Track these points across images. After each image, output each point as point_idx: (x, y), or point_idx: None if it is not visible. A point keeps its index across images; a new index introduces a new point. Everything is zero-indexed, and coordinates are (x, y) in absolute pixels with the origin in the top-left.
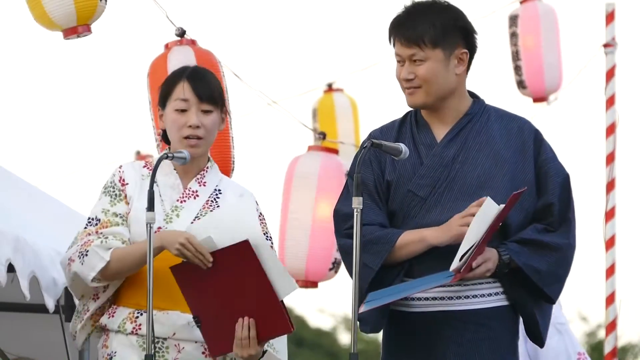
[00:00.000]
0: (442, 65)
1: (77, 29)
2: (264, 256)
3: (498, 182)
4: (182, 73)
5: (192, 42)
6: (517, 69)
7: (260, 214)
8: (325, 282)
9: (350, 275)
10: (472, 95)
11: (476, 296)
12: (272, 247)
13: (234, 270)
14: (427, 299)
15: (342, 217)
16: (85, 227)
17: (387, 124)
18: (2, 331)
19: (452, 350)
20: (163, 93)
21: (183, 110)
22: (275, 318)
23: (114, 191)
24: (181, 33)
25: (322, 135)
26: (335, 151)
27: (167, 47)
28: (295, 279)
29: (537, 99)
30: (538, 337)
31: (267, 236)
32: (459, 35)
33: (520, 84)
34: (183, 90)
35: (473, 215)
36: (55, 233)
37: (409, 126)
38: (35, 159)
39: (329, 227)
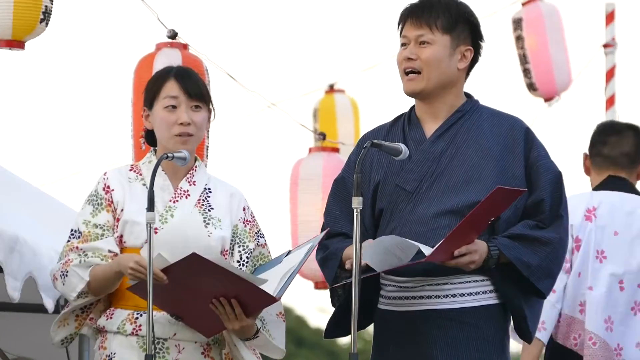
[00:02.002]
0: (447, 53)
1: (11, 42)
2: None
3: (485, 177)
4: (169, 72)
5: (184, 47)
6: (527, 72)
7: (251, 213)
8: (304, 283)
9: (330, 284)
10: (467, 95)
11: (463, 295)
12: (265, 245)
13: (194, 278)
14: (414, 297)
15: (323, 227)
16: (69, 240)
17: (378, 126)
18: (2, 331)
19: (439, 349)
20: (150, 93)
21: (173, 107)
22: (256, 296)
23: (96, 200)
24: (172, 35)
25: (322, 136)
26: (336, 150)
27: (157, 47)
28: (314, 281)
29: (548, 99)
30: (526, 333)
31: (259, 234)
32: (468, 31)
33: (531, 87)
34: (172, 87)
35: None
36: (55, 233)
37: (401, 124)
38: (35, 159)
39: None
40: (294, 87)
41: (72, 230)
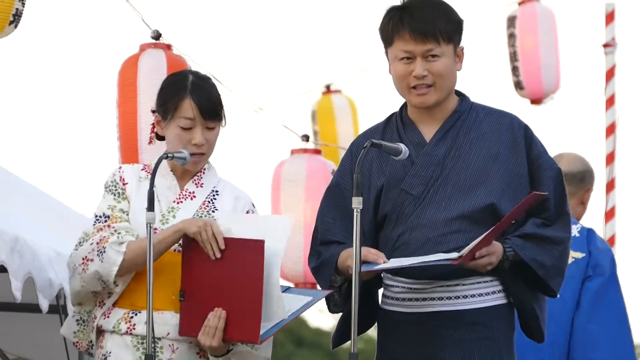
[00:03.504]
0: (452, 61)
1: None
2: (270, 272)
3: (492, 178)
4: (185, 87)
5: (167, 47)
6: (515, 70)
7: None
8: None
9: (322, 288)
10: (458, 93)
11: (474, 295)
12: None
13: (236, 263)
14: (424, 299)
15: (314, 234)
16: (94, 224)
17: (370, 128)
18: (2, 331)
19: (451, 351)
20: (165, 106)
21: (188, 128)
22: (249, 323)
23: (116, 189)
24: (156, 36)
25: (306, 138)
26: (317, 152)
27: (142, 48)
28: (294, 282)
29: (534, 101)
30: (537, 332)
31: None
32: (461, 32)
33: (518, 85)
34: (189, 108)
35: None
36: (54, 233)
37: (395, 127)
38: (34, 159)
39: None
40: (290, 88)
41: (96, 216)
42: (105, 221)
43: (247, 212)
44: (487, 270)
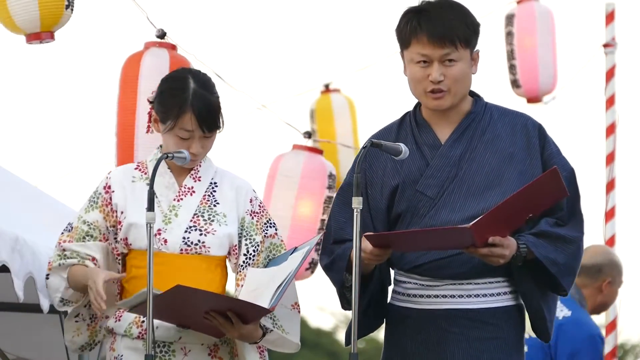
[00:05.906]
0: (469, 66)
1: (40, 35)
2: None
3: (507, 179)
4: (186, 99)
5: (172, 47)
6: (512, 68)
7: (259, 204)
8: (303, 281)
9: (337, 287)
10: (472, 94)
11: (486, 295)
12: (275, 235)
13: (186, 302)
14: (436, 296)
15: (327, 233)
16: (62, 232)
17: (385, 127)
18: (2, 331)
19: (461, 349)
20: (167, 114)
21: (186, 138)
22: (249, 309)
23: (93, 197)
24: (161, 35)
25: (308, 135)
26: (319, 151)
27: (146, 46)
28: None
29: (531, 99)
30: (544, 332)
31: (268, 225)
32: (477, 36)
33: (515, 83)
34: (189, 122)
35: None
36: (54, 233)
37: (409, 127)
38: (35, 159)
39: (307, 227)
40: (288, 87)
41: (69, 223)
42: (69, 231)
43: (250, 200)
44: (499, 264)
